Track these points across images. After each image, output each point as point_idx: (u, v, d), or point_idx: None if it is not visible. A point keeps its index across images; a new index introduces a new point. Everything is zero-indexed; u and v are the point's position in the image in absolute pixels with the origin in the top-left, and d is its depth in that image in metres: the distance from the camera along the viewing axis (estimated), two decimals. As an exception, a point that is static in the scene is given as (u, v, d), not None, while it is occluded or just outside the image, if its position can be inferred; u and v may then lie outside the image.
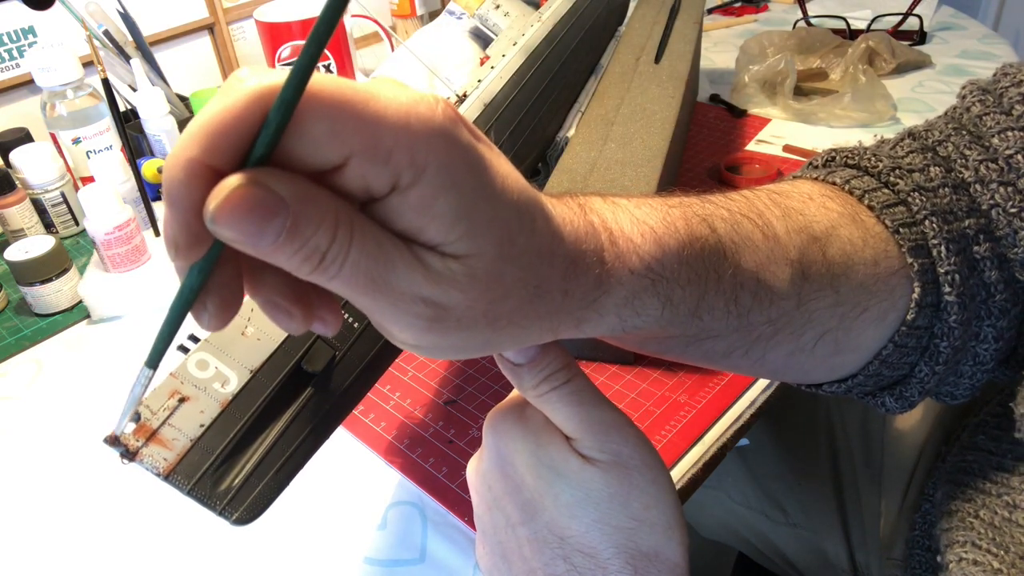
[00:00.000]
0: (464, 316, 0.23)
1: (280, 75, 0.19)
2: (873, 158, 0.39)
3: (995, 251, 0.37)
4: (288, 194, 0.19)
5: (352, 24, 0.97)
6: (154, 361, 0.23)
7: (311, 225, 0.20)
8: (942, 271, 0.36)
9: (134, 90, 0.88)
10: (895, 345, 0.36)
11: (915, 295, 0.35)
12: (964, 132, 0.39)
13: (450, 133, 0.21)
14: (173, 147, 0.20)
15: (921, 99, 0.95)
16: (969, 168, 0.38)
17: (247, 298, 0.32)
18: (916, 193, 0.37)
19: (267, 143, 0.19)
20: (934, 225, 0.36)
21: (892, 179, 0.37)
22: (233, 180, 0.19)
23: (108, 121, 0.80)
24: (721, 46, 1.16)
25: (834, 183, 0.38)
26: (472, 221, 0.22)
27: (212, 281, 0.22)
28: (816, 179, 0.39)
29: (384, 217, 0.22)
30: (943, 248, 0.36)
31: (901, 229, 0.36)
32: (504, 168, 0.23)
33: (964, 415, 0.53)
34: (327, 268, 0.21)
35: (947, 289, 0.36)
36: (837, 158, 0.40)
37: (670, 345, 0.32)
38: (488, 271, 0.23)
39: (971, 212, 0.37)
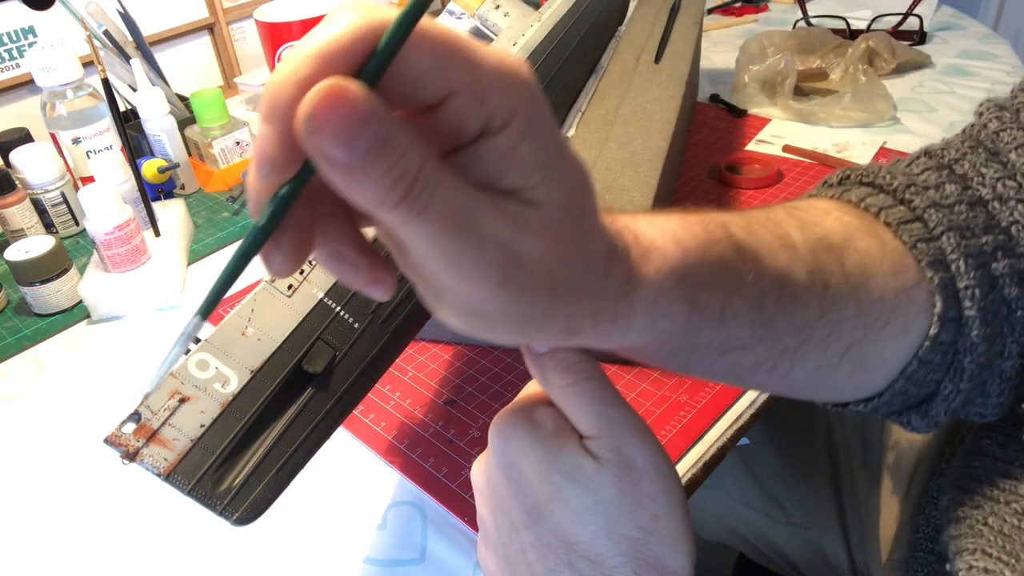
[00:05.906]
0: (533, 273, 0.23)
1: (388, 10, 0.20)
2: (888, 175, 0.39)
3: (1015, 268, 0.37)
4: (382, 112, 0.19)
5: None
6: (206, 310, 0.22)
7: (401, 145, 0.19)
8: (962, 285, 0.35)
9: (134, 90, 0.88)
10: (919, 361, 0.36)
11: (937, 309, 0.35)
12: (981, 150, 0.39)
13: (535, 85, 0.23)
14: (279, 68, 0.20)
15: (921, 99, 0.95)
16: (987, 186, 0.38)
17: (246, 299, 0.32)
18: (932, 209, 0.37)
19: (376, 70, 0.20)
20: (951, 240, 0.36)
21: (908, 196, 0.38)
22: (334, 79, 0.19)
23: (108, 121, 0.80)
24: (721, 46, 1.16)
25: (849, 201, 0.39)
26: (548, 170, 0.23)
27: (288, 220, 0.22)
28: (831, 197, 0.39)
29: (466, 163, 0.22)
30: (962, 263, 0.35)
31: (919, 244, 0.36)
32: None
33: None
34: (416, 198, 0.20)
35: (967, 304, 0.35)
36: (852, 176, 0.41)
37: (698, 359, 0.32)
38: (559, 223, 0.23)
39: (989, 229, 0.37)
